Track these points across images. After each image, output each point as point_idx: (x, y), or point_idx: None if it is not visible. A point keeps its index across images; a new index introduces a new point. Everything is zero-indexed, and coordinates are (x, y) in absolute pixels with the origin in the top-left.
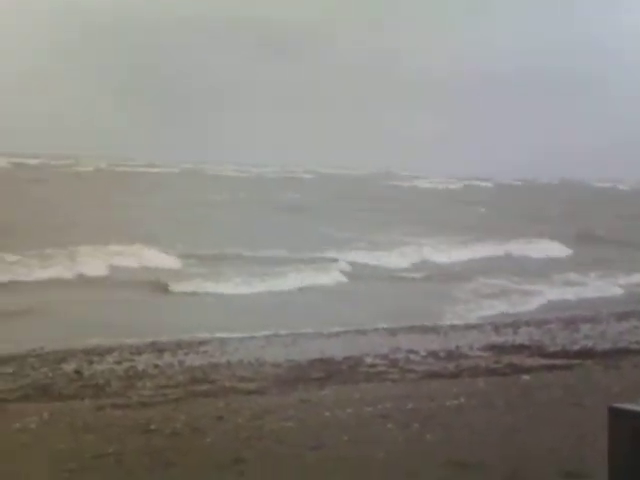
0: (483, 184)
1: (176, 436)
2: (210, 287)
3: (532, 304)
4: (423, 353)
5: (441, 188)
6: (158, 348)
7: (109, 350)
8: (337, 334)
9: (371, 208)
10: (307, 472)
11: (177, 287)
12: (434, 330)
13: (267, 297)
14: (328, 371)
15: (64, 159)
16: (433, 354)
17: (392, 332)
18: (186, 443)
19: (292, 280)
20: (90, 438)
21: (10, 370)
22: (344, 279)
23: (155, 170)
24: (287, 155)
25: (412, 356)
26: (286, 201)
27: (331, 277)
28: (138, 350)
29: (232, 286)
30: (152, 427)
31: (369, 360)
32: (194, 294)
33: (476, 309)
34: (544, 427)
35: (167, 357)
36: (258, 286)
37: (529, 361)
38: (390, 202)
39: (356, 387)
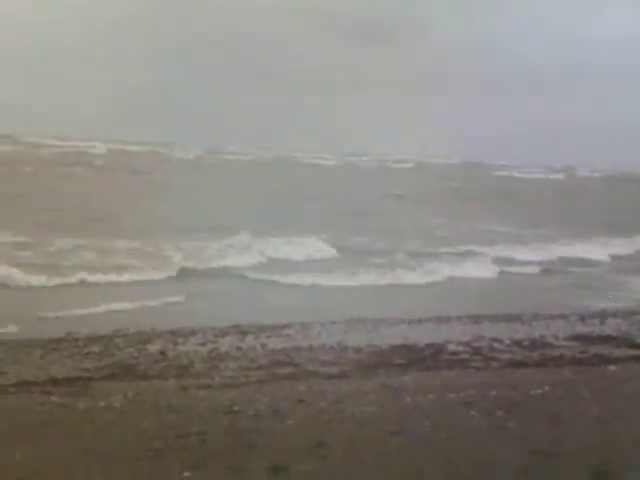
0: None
1: (258, 418)
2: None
3: None
4: (507, 342)
5: (541, 178)
6: (241, 331)
7: (193, 332)
8: (419, 321)
9: (496, 201)
10: (389, 457)
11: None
12: (518, 319)
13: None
14: (410, 357)
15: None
16: (517, 343)
17: (475, 320)
18: (268, 425)
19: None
20: (174, 418)
21: (96, 349)
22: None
23: (248, 158)
24: (381, 143)
25: (496, 344)
26: (398, 191)
27: (486, 270)
28: (222, 332)
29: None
30: (235, 408)
31: (452, 347)
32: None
33: None
34: (631, 418)
35: (250, 340)
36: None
37: (617, 352)
38: (514, 195)
39: (438, 374)
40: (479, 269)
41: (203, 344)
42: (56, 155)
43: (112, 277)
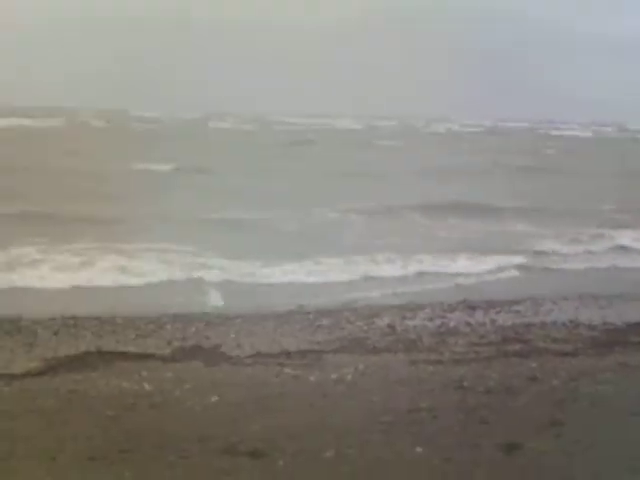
0: None
1: (489, 394)
2: None
3: None
4: None
5: None
6: (469, 306)
7: (421, 306)
8: None
9: None
10: (629, 439)
11: None
12: None
13: None
14: None
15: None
16: None
17: None
18: (500, 402)
19: None
20: (404, 392)
21: (327, 322)
22: None
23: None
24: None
25: None
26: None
27: None
28: (450, 308)
29: None
30: (465, 384)
31: None
32: None
33: None
34: None
35: (479, 315)
36: None
37: None
38: None
39: None
40: None
41: (431, 319)
42: None
43: None
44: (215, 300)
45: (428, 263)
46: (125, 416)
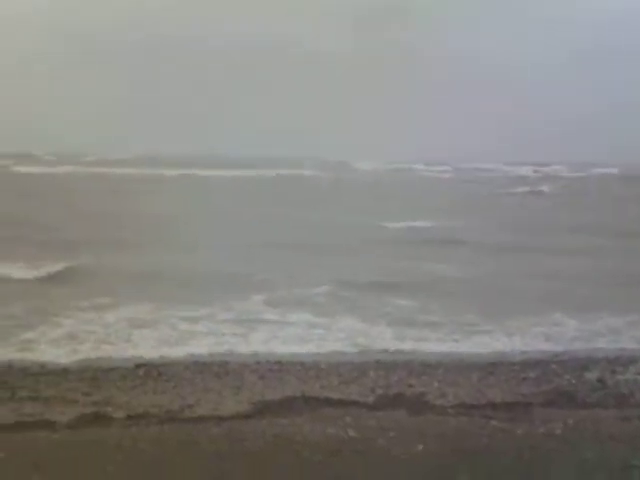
0: None
1: None
2: None
3: None
4: None
5: None
6: None
7: (632, 360)
8: None
9: None
10: None
11: None
12: None
13: None
14: None
15: None
16: None
17: None
18: None
19: None
20: (616, 448)
21: (533, 375)
22: None
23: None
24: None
25: None
26: None
27: None
28: None
29: None
30: None
31: None
32: None
33: None
34: None
35: None
36: None
37: None
38: None
39: None
40: None
41: None
42: None
43: None
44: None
45: None
46: (330, 462)
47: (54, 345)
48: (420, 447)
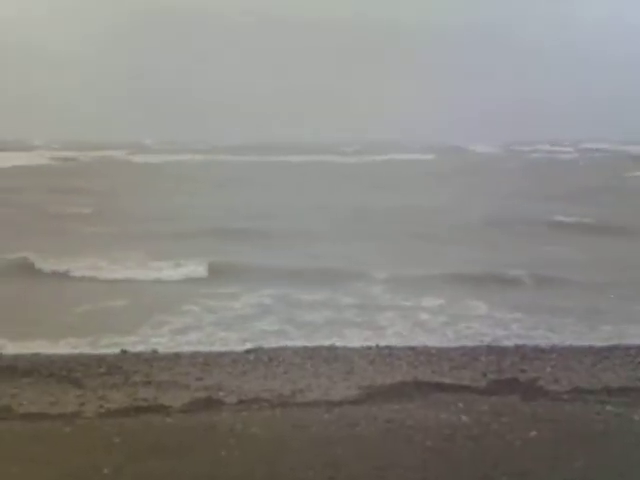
0: None
1: None
2: None
3: None
4: None
5: None
6: None
7: None
8: None
9: None
10: None
11: None
12: None
13: None
14: None
15: None
16: None
17: None
18: None
19: None
20: None
21: None
22: None
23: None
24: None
25: None
26: None
27: None
28: None
29: None
30: None
31: None
32: None
33: None
34: None
35: None
36: None
37: None
38: None
39: None
40: None
41: None
42: None
43: None
44: None
45: None
46: (443, 447)
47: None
48: (534, 433)
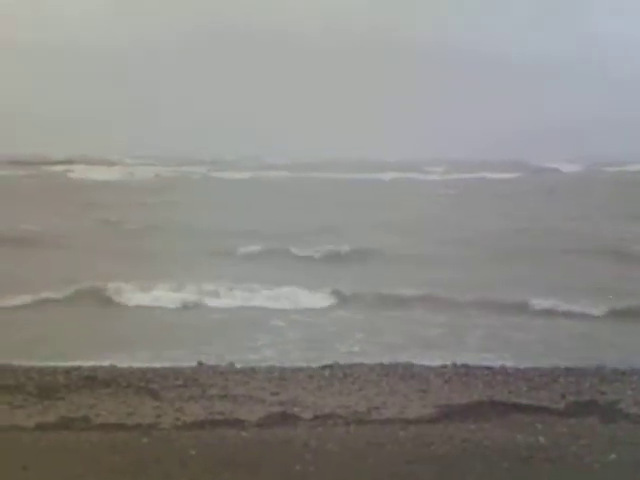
0: None
1: None
2: None
3: None
4: None
5: None
6: None
7: None
8: None
9: None
10: None
11: None
12: None
13: None
14: None
15: None
16: None
17: None
18: None
19: None
20: None
21: None
22: None
23: None
24: None
25: None
26: None
27: None
28: None
29: None
30: None
31: None
32: None
33: None
34: None
35: None
36: None
37: None
38: None
39: None
40: None
41: None
42: None
43: None
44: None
45: None
46: (521, 469)
47: None
48: (613, 456)
